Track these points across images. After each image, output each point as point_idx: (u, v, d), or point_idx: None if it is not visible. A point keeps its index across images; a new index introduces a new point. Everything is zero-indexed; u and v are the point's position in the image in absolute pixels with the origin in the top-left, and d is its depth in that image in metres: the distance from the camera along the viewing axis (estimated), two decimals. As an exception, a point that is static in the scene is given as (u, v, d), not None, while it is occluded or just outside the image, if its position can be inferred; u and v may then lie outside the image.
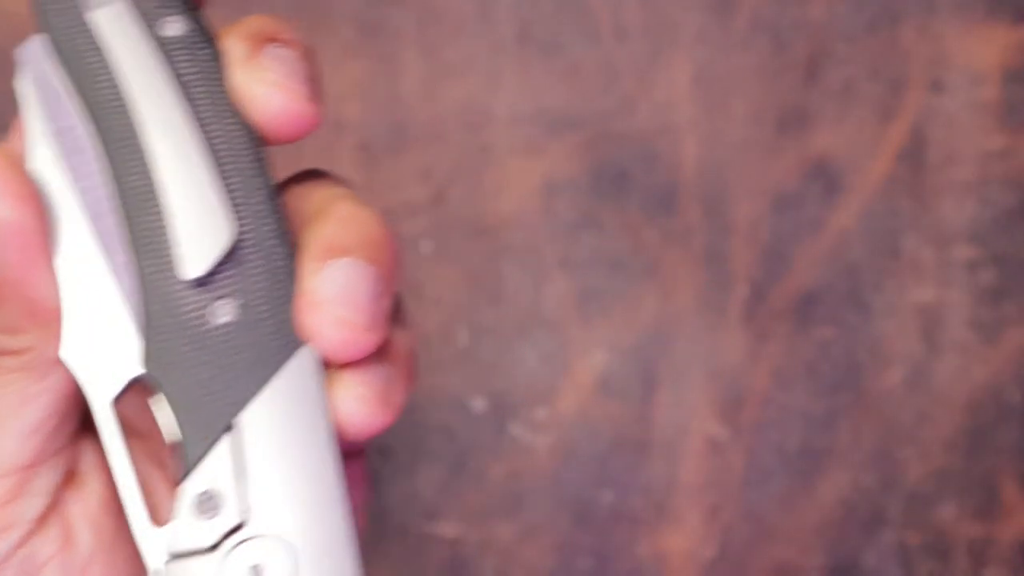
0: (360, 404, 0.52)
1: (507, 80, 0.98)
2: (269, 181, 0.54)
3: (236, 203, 0.53)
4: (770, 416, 1.06)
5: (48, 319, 0.52)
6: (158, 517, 0.56)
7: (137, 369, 0.52)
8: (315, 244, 0.52)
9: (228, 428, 0.51)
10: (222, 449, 0.51)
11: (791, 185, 1.04)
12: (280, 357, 0.52)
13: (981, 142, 1.05)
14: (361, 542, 0.52)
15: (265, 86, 0.53)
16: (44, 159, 0.53)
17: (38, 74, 0.54)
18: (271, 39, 0.56)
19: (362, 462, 0.59)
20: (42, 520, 0.55)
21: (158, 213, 0.52)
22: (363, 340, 0.51)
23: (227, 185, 0.53)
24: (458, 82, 0.98)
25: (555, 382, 1.03)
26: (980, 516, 1.09)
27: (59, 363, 0.52)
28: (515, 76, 0.98)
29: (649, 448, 1.04)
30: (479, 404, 1.02)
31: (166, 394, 0.52)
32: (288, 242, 0.53)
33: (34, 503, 0.55)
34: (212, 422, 0.51)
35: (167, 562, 0.51)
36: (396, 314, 0.55)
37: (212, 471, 0.51)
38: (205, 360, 0.51)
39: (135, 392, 0.54)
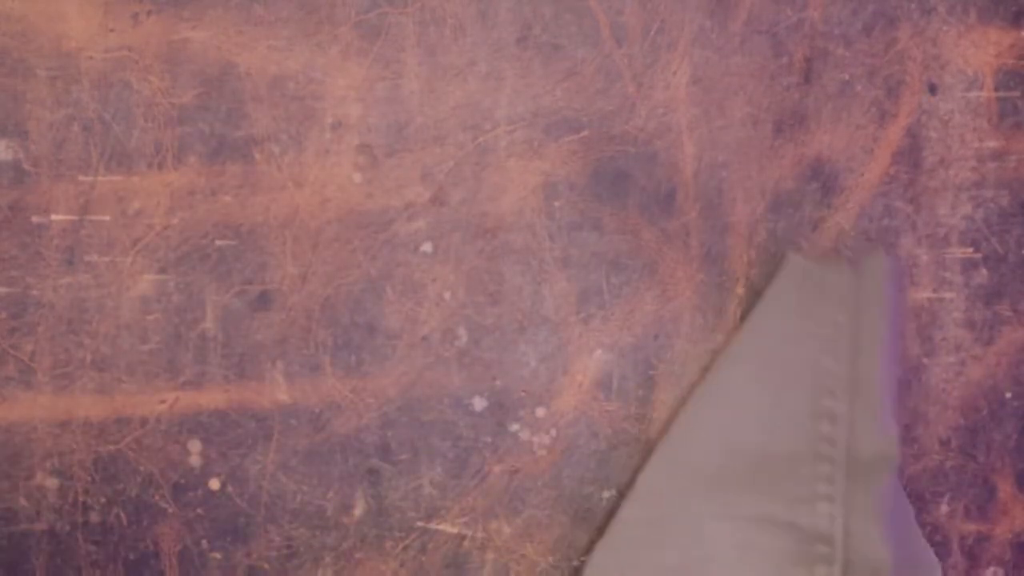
0: None
1: (507, 82, 0.99)
2: None
3: None
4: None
5: None
6: None
7: None
8: None
9: None
10: None
11: (788, 186, 1.05)
12: None
13: (976, 144, 1.06)
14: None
15: None
16: None
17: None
18: None
19: None
20: None
21: None
22: None
23: None
24: (458, 83, 0.98)
25: (555, 382, 1.04)
26: (975, 514, 1.09)
27: None
28: (515, 78, 0.99)
29: (648, 447, 1.05)
30: (479, 403, 1.03)
31: None
32: None
33: None
34: None
35: None
36: None
37: None
38: None
39: None
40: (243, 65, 0.96)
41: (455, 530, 1.03)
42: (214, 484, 0.97)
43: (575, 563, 1.04)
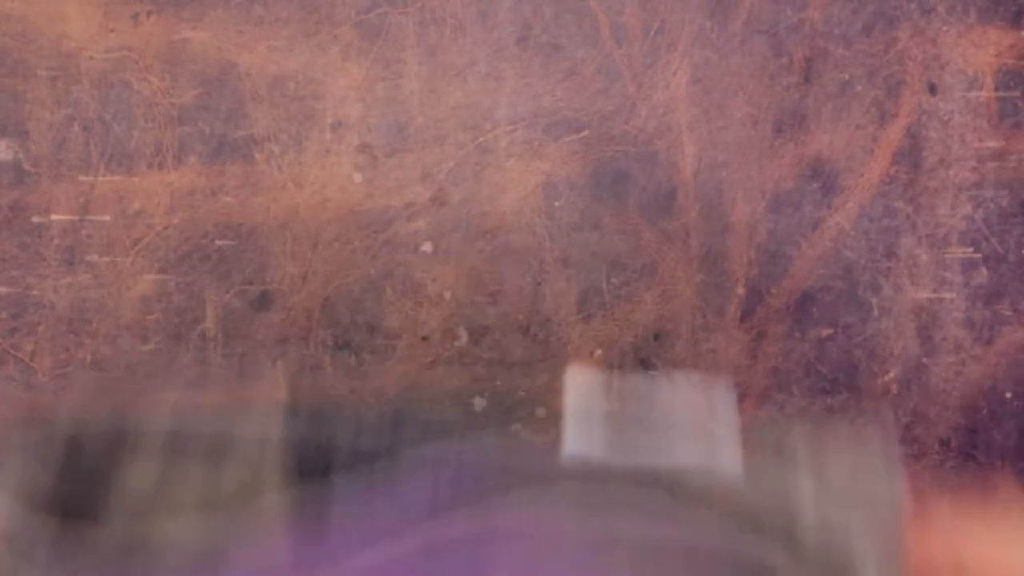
0: None
1: (507, 82, 0.99)
2: None
3: None
4: (768, 415, 1.07)
5: None
6: None
7: None
8: None
9: None
10: None
11: (788, 186, 1.05)
12: None
13: (976, 144, 1.06)
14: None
15: None
16: None
17: None
18: None
19: None
20: None
21: None
22: None
23: None
24: (458, 84, 0.98)
25: (555, 382, 1.04)
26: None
27: None
28: (515, 78, 0.99)
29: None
30: (479, 403, 1.03)
31: None
32: None
33: None
34: None
35: None
36: None
37: None
38: None
39: None
40: (243, 65, 0.96)
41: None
42: (214, 484, 0.97)
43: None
